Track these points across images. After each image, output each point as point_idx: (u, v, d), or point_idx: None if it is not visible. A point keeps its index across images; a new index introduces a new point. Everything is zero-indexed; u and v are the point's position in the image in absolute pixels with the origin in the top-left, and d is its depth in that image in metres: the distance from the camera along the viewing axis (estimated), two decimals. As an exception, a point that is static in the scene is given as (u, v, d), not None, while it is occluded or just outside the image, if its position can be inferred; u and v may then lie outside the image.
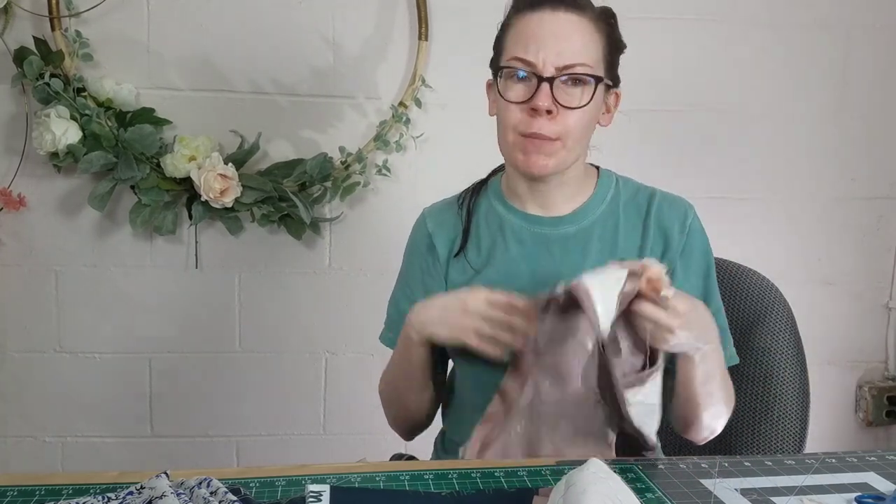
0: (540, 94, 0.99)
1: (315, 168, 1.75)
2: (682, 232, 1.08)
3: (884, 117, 1.99)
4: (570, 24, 1.01)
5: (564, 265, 1.08)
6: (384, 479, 0.88)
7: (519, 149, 1.03)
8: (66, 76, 1.67)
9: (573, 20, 1.01)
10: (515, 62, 1.01)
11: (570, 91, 1.01)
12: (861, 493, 0.86)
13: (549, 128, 1.01)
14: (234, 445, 1.92)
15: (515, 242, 1.11)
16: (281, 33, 1.79)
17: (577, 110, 1.01)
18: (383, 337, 1.22)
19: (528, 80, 1.01)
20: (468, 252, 1.14)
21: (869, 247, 2.05)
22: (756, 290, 1.25)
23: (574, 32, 1.01)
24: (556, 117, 1.01)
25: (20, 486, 0.85)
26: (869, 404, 2.07)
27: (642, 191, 1.13)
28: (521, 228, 1.12)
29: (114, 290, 1.83)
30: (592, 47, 1.02)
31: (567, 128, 1.02)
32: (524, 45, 1.01)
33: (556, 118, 1.01)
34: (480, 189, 1.19)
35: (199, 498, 0.76)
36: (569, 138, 1.02)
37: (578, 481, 0.70)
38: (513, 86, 1.02)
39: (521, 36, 1.02)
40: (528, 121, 1.01)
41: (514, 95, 1.02)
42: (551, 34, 1.00)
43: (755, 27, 1.92)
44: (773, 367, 1.21)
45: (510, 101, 1.02)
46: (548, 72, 0.99)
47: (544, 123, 1.00)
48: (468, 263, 1.13)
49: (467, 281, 1.13)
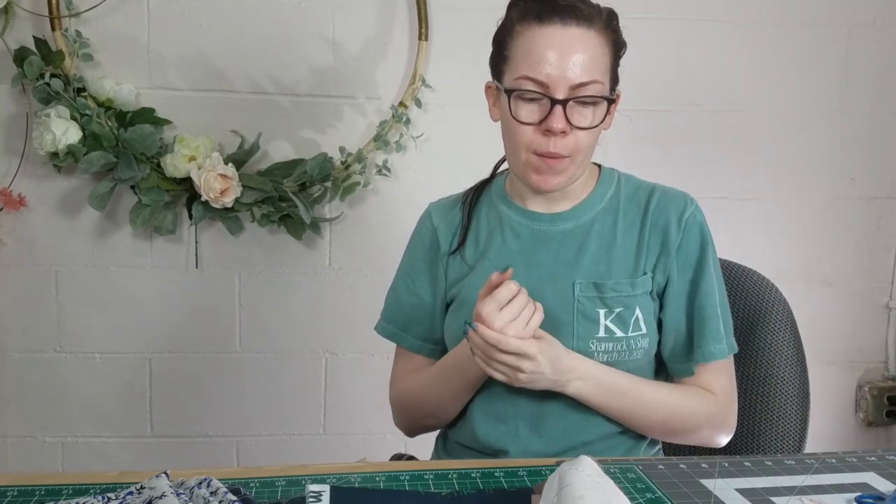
0: (554, 117, 0.99)
1: (315, 168, 1.75)
2: (680, 227, 1.08)
3: (884, 117, 1.99)
4: (582, 39, 0.99)
5: (560, 260, 1.09)
6: (384, 479, 0.88)
7: (532, 168, 1.03)
8: (66, 76, 1.67)
9: (584, 35, 0.99)
10: (526, 82, 1.00)
11: (582, 111, 1.01)
12: (861, 493, 0.86)
13: (561, 146, 1.01)
14: (234, 445, 1.92)
15: (513, 237, 1.12)
16: (281, 33, 1.78)
17: (588, 129, 1.02)
18: (381, 328, 1.22)
19: (539, 100, 1.00)
20: (466, 249, 1.14)
21: (869, 247, 2.04)
22: (756, 290, 1.26)
23: (585, 49, 0.99)
24: (568, 136, 1.01)
25: (20, 486, 0.85)
26: (869, 404, 2.07)
27: (643, 188, 1.13)
28: (520, 224, 1.12)
29: (114, 290, 1.83)
30: (601, 61, 1.01)
31: (578, 146, 1.02)
32: (535, 63, 0.99)
33: (567, 137, 1.01)
34: (484, 188, 1.20)
35: (199, 498, 0.76)
36: (579, 155, 1.03)
37: (573, 483, 0.70)
38: (524, 105, 1.01)
39: (531, 53, 0.99)
40: (541, 140, 1.01)
41: (526, 116, 1.01)
42: (562, 53, 0.98)
43: (755, 27, 1.92)
44: (773, 367, 1.21)
45: (523, 123, 1.01)
46: (560, 93, 0.98)
47: (558, 142, 1.01)
48: (464, 261, 1.14)
49: (462, 277, 1.14)
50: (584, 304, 1.05)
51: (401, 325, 1.19)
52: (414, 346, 1.19)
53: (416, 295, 1.18)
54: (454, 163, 1.80)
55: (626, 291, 1.06)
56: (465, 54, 1.78)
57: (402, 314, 1.19)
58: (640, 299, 1.07)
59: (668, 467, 0.92)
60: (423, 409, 1.17)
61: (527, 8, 1.02)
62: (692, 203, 1.10)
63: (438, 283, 1.16)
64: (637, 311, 1.06)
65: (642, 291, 1.07)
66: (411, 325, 1.19)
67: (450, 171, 1.68)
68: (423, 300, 1.17)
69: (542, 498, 0.73)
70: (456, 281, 1.15)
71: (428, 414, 1.17)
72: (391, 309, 1.21)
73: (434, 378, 1.14)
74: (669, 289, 1.08)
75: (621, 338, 1.05)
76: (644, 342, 1.06)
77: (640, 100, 1.85)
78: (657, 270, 1.08)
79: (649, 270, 1.08)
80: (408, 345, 1.19)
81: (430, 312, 1.17)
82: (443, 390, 1.12)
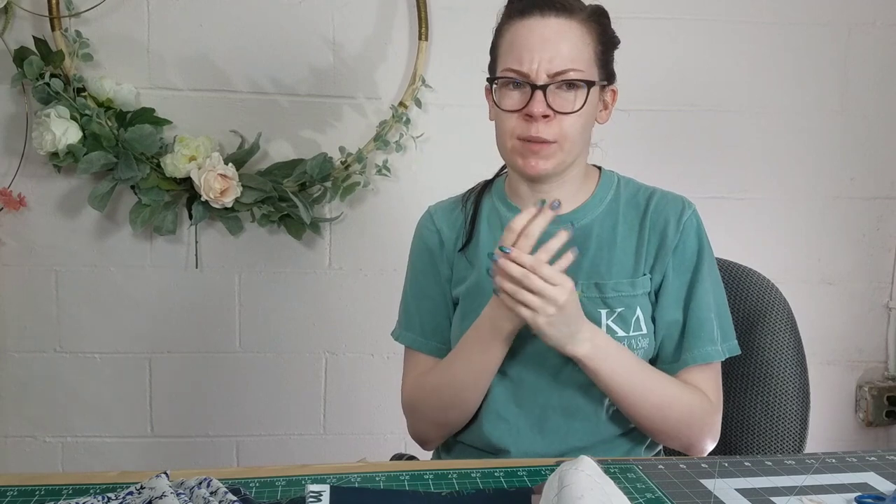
0: (534, 102, 1.01)
1: (315, 168, 1.75)
2: (678, 229, 1.09)
3: (884, 117, 1.99)
4: (560, 28, 1.02)
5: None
6: (384, 479, 0.88)
7: (518, 153, 1.05)
8: (66, 76, 1.67)
9: (563, 24, 1.02)
10: (509, 73, 1.03)
11: (563, 96, 1.03)
12: (861, 493, 0.86)
13: (546, 131, 1.02)
14: (234, 445, 1.92)
15: None
16: (281, 33, 1.79)
17: (572, 114, 1.03)
18: (400, 336, 1.20)
19: (522, 88, 1.03)
20: (470, 250, 1.15)
21: (869, 247, 2.04)
22: (756, 290, 1.26)
23: (564, 37, 1.02)
24: (552, 121, 1.02)
25: (20, 486, 0.85)
26: (869, 404, 2.07)
27: (643, 191, 1.14)
28: None
29: (114, 290, 1.83)
30: (584, 49, 1.03)
31: (563, 131, 1.03)
32: (516, 55, 1.03)
33: (552, 122, 1.02)
34: (485, 189, 1.20)
35: (199, 498, 0.76)
36: (566, 141, 1.04)
37: (573, 483, 0.70)
38: (508, 94, 1.04)
39: (513, 45, 1.04)
40: (524, 126, 1.03)
41: (509, 104, 1.04)
42: (541, 41, 1.02)
43: (755, 27, 1.92)
44: (773, 367, 1.21)
45: (507, 111, 1.04)
46: (540, 80, 1.01)
47: (541, 127, 1.02)
48: (467, 261, 1.14)
49: (466, 277, 1.14)
50: (586, 304, 1.05)
51: (419, 332, 1.18)
52: (434, 350, 1.16)
53: (430, 298, 1.17)
54: (454, 163, 1.80)
55: (626, 291, 1.07)
56: (465, 54, 1.78)
57: (420, 320, 1.18)
58: (641, 300, 1.08)
59: (668, 467, 0.92)
60: (442, 401, 1.11)
61: (511, 7, 1.07)
62: (690, 207, 1.11)
63: (447, 282, 1.17)
64: (638, 311, 1.07)
65: (642, 292, 1.08)
66: (429, 328, 1.17)
67: (450, 171, 1.68)
68: (437, 302, 1.17)
69: (542, 498, 0.73)
70: (461, 280, 1.15)
71: (447, 406, 1.11)
72: (407, 316, 1.20)
73: (452, 363, 1.10)
74: (663, 288, 1.09)
75: (622, 337, 1.05)
76: (644, 342, 1.07)
77: (640, 100, 1.85)
78: (655, 271, 1.09)
79: (648, 272, 1.09)
80: (428, 350, 1.17)
81: (445, 313, 1.17)
82: (462, 374, 1.08)
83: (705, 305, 1.08)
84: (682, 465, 0.93)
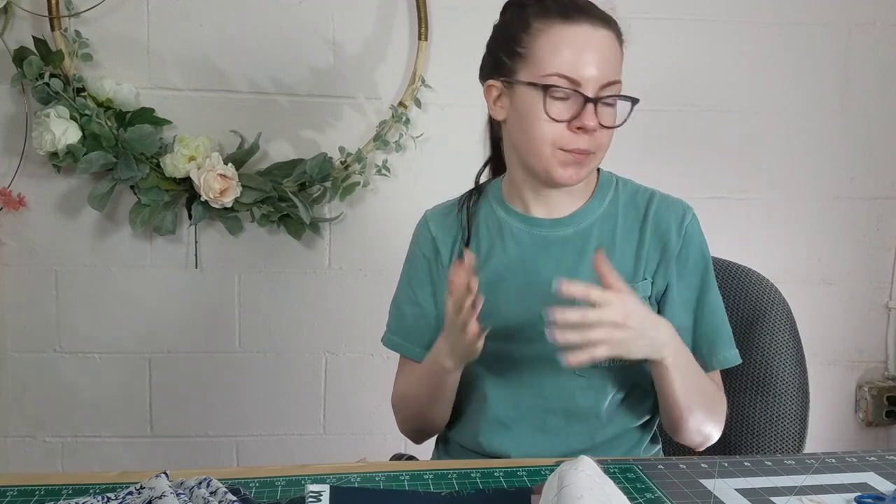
0: (588, 115, 1.00)
1: (315, 168, 1.75)
2: (680, 235, 1.08)
3: (884, 117, 1.99)
4: (608, 41, 1.02)
5: (562, 266, 1.08)
6: (384, 479, 0.88)
7: (559, 162, 1.03)
8: (65, 76, 1.67)
9: (608, 37, 1.02)
10: (559, 79, 1.00)
11: (608, 110, 1.04)
12: (861, 493, 0.86)
13: (588, 143, 1.03)
14: (234, 445, 1.92)
15: (514, 244, 1.11)
16: (281, 33, 1.79)
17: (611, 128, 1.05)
18: (387, 340, 1.21)
19: (573, 97, 1.01)
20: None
21: (869, 247, 2.04)
22: (756, 290, 1.25)
23: (610, 50, 1.02)
24: (595, 133, 1.02)
25: (20, 486, 0.85)
26: (869, 404, 2.07)
27: (641, 193, 1.13)
28: (520, 231, 1.12)
29: (113, 290, 1.83)
30: (620, 63, 1.05)
31: (601, 143, 1.04)
32: (569, 61, 1.00)
33: (594, 134, 1.02)
34: (480, 192, 1.19)
35: (199, 498, 0.76)
36: (600, 151, 1.05)
37: (573, 483, 0.70)
38: (555, 102, 1.01)
39: (563, 50, 1.00)
40: (570, 137, 1.02)
41: (557, 113, 1.01)
42: (594, 52, 1.00)
43: (755, 27, 1.92)
44: (773, 367, 1.21)
45: (555, 120, 1.01)
46: (591, 91, 1.00)
47: (587, 139, 1.02)
48: None
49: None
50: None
51: (405, 336, 1.18)
52: (418, 355, 1.17)
53: (419, 305, 1.17)
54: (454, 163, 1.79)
55: None
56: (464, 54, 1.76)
57: (406, 325, 1.18)
58: None
59: (668, 467, 0.92)
60: (415, 409, 1.17)
61: (546, 6, 1.03)
62: (690, 211, 1.11)
63: (440, 291, 1.15)
64: None
65: (642, 296, 1.07)
66: (414, 335, 1.17)
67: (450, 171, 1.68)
68: (426, 310, 1.17)
69: (542, 498, 0.73)
70: None
71: (418, 415, 1.17)
72: (396, 321, 1.20)
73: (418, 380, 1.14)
74: (668, 295, 1.08)
75: None
76: None
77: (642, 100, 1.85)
78: (657, 276, 1.08)
79: (649, 276, 1.08)
80: (412, 355, 1.17)
81: (433, 322, 1.16)
82: (426, 392, 1.12)
83: (718, 310, 1.09)
84: (681, 465, 0.93)
